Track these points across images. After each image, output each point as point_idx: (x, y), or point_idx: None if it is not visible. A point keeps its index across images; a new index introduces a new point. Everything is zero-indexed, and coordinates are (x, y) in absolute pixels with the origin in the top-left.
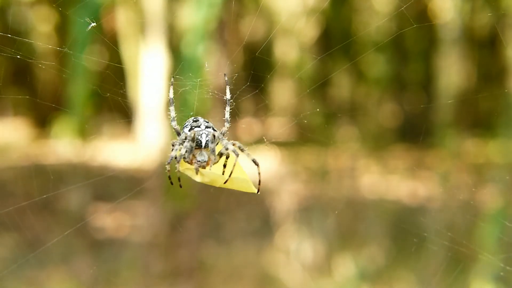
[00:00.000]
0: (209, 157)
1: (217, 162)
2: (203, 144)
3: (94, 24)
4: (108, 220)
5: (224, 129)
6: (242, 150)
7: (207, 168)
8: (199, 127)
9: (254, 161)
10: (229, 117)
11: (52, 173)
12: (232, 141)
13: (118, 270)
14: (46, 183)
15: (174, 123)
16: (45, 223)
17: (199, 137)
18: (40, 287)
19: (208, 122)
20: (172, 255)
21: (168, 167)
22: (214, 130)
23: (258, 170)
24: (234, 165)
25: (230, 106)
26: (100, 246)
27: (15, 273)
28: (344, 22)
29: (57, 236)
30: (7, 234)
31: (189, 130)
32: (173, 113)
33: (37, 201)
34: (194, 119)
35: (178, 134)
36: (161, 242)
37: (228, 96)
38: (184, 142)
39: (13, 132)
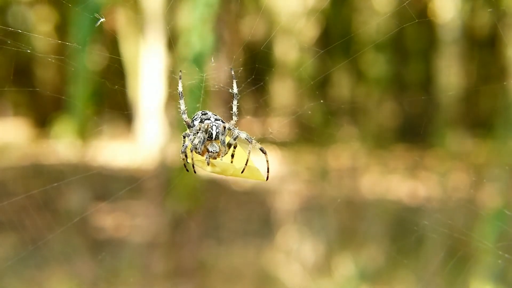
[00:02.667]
0: (220, 148)
1: (227, 153)
2: (214, 135)
3: (103, 19)
4: (108, 220)
5: (232, 122)
6: (249, 142)
7: (218, 159)
8: (209, 119)
9: (262, 150)
10: (237, 111)
11: (52, 173)
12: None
13: (118, 270)
14: (46, 183)
15: (184, 116)
16: (44, 223)
17: (210, 129)
18: (39, 287)
19: (216, 115)
20: (172, 255)
21: (182, 155)
22: (223, 122)
23: (266, 158)
24: (249, 153)
25: (237, 99)
26: (100, 246)
27: (15, 273)
28: (344, 22)
29: (56, 236)
30: (6, 234)
31: (200, 123)
32: (182, 107)
33: (37, 201)
34: (203, 112)
35: (189, 127)
36: (161, 242)
37: (235, 90)
38: (197, 132)
39: (13, 132)
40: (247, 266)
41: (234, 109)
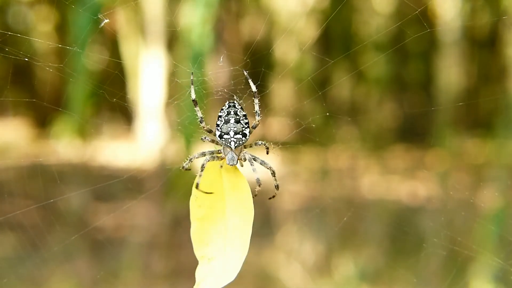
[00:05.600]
0: (238, 157)
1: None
2: (233, 147)
3: (107, 20)
4: (108, 220)
5: (255, 122)
6: (272, 174)
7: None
8: (228, 133)
9: (277, 187)
10: (259, 110)
11: (52, 173)
12: (264, 162)
13: (118, 270)
14: (46, 183)
15: (203, 124)
16: (45, 223)
17: (229, 144)
18: (40, 286)
19: (238, 122)
20: (172, 255)
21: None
22: (244, 135)
23: (276, 191)
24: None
25: (258, 98)
26: (100, 246)
27: (15, 272)
28: (344, 22)
29: (57, 236)
30: (7, 234)
31: (219, 137)
32: (199, 114)
33: (37, 201)
34: (226, 119)
35: (210, 132)
36: (161, 242)
37: (253, 88)
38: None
39: (13, 132)
40: (247, 266)
41: (256, 108)
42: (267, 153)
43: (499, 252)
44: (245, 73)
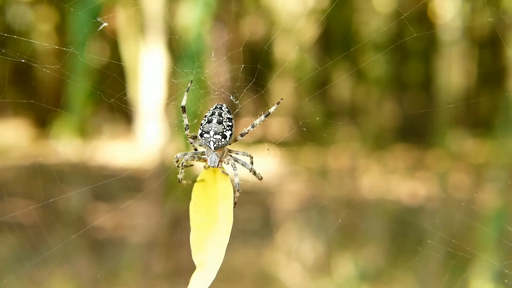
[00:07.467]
0: (219, 159)
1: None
2: (212, 148)
3: (106, 24)
4: (108, 219)
5: (245, 130)
6: (260, 179)
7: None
8: (208, 132)
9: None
10: (258, 124)
11: (52, 173)
12: (245, 164)
13: (118, 270)
14: (46, 183)
15: (187, 132)
16: (44, 222)
17: (208, 143)
18: (40, 286)
19: (220, 123)
20: (172, 255)
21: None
22: (224, 136)
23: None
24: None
25: (265, 118)
26: (100, 246)
27: (15, 272)
28: (344, 22)
29: (58, 236)
30: (7, 234)
31: (200, 135)
32: (186, 121)
33: (37, 201)
34: (209, 118)
35: (194, 138)
36: (161, 242)
37: (272, 110)
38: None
39: (13, 132)
40: (247, 266)
41: (257, 121)
42: (252, 163)
43: (499, 252)
44: (273, 108)
